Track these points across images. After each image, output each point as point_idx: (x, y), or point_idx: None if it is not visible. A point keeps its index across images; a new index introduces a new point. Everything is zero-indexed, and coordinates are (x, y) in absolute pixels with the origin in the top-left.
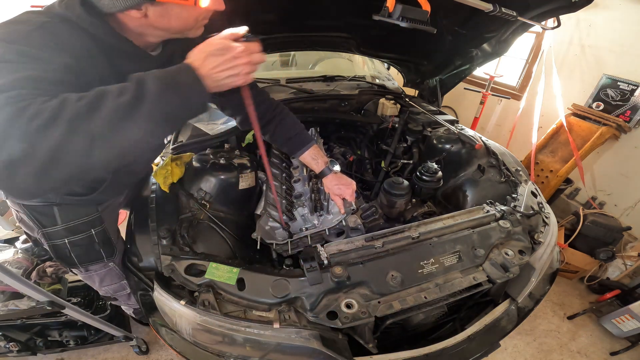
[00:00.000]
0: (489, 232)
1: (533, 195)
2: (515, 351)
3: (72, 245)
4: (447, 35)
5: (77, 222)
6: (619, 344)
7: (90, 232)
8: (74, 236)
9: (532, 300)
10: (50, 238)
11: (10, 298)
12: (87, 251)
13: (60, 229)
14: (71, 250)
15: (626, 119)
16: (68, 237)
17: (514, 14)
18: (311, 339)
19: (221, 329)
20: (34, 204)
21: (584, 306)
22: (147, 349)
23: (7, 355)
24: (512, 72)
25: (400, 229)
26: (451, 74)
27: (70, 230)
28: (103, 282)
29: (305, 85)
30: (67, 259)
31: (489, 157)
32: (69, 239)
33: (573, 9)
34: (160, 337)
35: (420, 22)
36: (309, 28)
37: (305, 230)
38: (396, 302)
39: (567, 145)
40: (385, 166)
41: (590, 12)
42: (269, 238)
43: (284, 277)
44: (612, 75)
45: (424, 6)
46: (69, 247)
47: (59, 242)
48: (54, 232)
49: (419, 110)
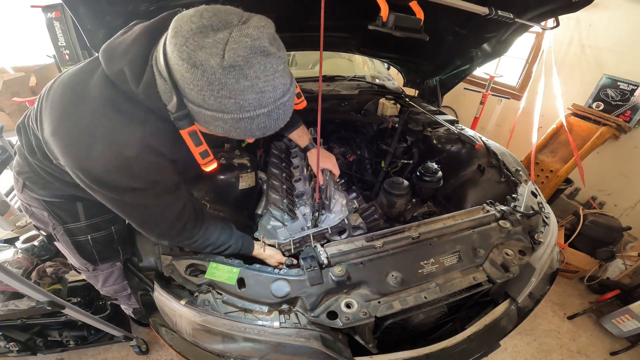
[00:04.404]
0: (489, 232)
1: (533, 195)
2: (515, 351)
3: (94, 242)
4: (447, 36)
5: (100, 219)
6: (619, 344)
7: (111, 229)
8: (96, 233)
9: (532, 300)
10: (73, 234)
11: (10, 298)
12: (107, 248)
13: (84, 225)
14: (93, 247)
15: (626, 119)
16: (91, 234)
17: (511, 17)
18: (311, 339)
19: (221, 329)
20: (55, 200)
21: (584, 306)
22: (147, 349)
23: (7, 355)
24: (512, 72)
25: (400, 229)
26: (451, 74)
27: (92, 227)
28: (106, 282)
29: (305, 85)
30: (89, 256)
31: (489, 157)
32: (92, 236)
33: (573, 9)
34: (160, 337)
35: (414, 30)
36: (309, 28)
37: (307, 229)
38: (396, 302)
39: (567, 145)
40: (385, 166)
41: (590, 12)
42: (271, 237)
43: (284, 277)
44: (612, 75)
45: (418, 14)
46: (91, 244)
47: (82, 239)
48: (76, 228)
49: (419, 110)
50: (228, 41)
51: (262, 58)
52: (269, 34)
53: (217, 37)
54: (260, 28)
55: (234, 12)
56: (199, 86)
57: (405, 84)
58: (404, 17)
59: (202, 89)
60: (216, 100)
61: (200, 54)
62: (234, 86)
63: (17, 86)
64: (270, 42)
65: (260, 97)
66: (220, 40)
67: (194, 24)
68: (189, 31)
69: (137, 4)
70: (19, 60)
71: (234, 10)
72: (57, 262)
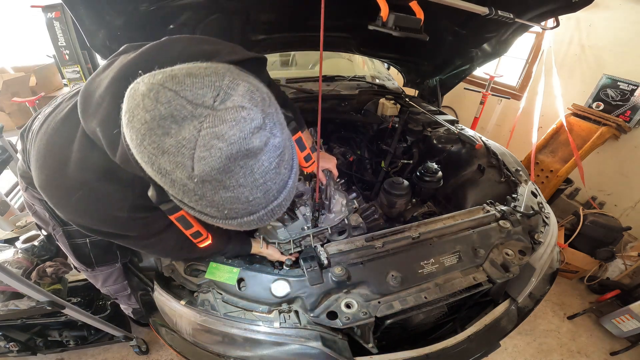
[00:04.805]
0: (489, 232)
1: (533, 195)
2: (515, 351)
3: (92, 245)
4: (447, 36)
5: None
6: (619, 344)
7: None
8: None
9: (532, 300)
10: (71, 237)
11: (10, 298)
12: (105, 252)
13: None
14: (91, 250)
15: (626, 119)
16: (89, 237)
17: (511, 17)
18: (311, 339)
19: (221, 329)
20: None
21: (584, 306)
22: (147, 349)
23: (7, 355)
24: (512, 72)
25: (400, 229)
26: (451, 74)
27: None
28: (106, 282)
29: (305, 85)
30: (86, 259)
31: (489, 157)
32: (90, 239)
33: (573, 9)
34: (160, 337)
35: (414, 30)
36: (309, 28)
37: (307, 229)
38: (396, 302)
39: (567, 145)
40: (385, 166)
41: (590, 12)
42: (271, 237)
43: (284, 277)
44: (612, 75)
45: (418, 14)
46: (89, 247)
47: (80, 242)
48: (75, 230)
49: (419, 110)
50: (196, 146)
51: (246, 161)
52: (255, 121)
53: (180, 137)
54: (242, 119)
55: (209, 82)
56: (174, 191)
57: (405, 84)
58: (404, 17)
59: (178, 194)
60: (197, 205)
61: (162, 161)
62: (212, 198)
63: (17, 86)
64: (259, 130)
65: (247, 205)
66: (186, 144)
67: (149, 113)
68: (144, 124)
69: (137, 4)
70: (19, 60)
71: (213, 73)
72: (57, 262)
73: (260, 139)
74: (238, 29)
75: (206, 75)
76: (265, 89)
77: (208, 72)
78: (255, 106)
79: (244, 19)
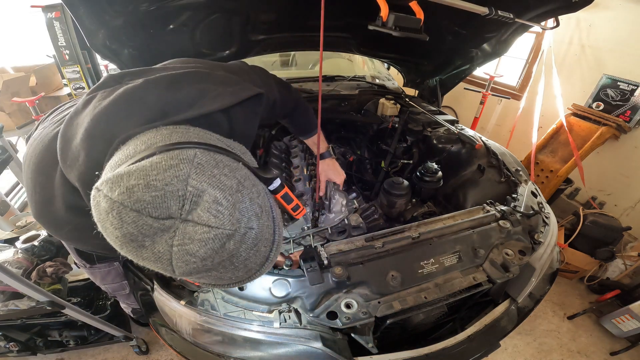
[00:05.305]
0: (489, 232)
1: (533, 195)
2: (515, 351)
3: None
4: (447, 35)
5: None
6: (619, 344)
7: None
8: None
9: (532, 300)
10: None
11: (10, 298)
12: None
13: None
14: None
15: (626, 119)
16: None
17: (511, 17)
18: (311, 339)
19: (221, 329)
20: None
21: (584, 306)
22: (147, 349)
23: (7, 355)
24: (512, 72)
25: (400, 229)
26: (451, 74)
27: None
28: (104, 280)
29: (305, 85)
30: (87, 255)
31: (489, 157)
32: None
33: (573, 9)
34: (160, 337)
35: (414, 30)
36: (309, 28)
37: (307, 229)
38: (396, 302)
39: (567, 145)
40: (385, 166)
41: (590, 12)
42: None
43: (284, 277)
44: (612, 75)
45: (418, 14)
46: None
47: None
48: None
49: (419, 110)
50: (172, 257)
51: (223, 262)
52: (224, 233)
53: (155, 250)
54: (211, 240)
55: (170, 194)
56: None
57: (405, 84)
58: (404, 17)
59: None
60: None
61: (144, 262)
62: (196, 280)
63: (17, 86)
64: (230, 238)
65: (230, 281)
66: (162, 256)
67: (118, 230)
68: (117, 238)
69: (137, 4)
70: (19, 60)
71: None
72: (57, 262)
73: (234, 243)
74: (238, 29)
75: (166, 183)
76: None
77: (168, 177)
78: (222, 219)
79: (243, 19)
